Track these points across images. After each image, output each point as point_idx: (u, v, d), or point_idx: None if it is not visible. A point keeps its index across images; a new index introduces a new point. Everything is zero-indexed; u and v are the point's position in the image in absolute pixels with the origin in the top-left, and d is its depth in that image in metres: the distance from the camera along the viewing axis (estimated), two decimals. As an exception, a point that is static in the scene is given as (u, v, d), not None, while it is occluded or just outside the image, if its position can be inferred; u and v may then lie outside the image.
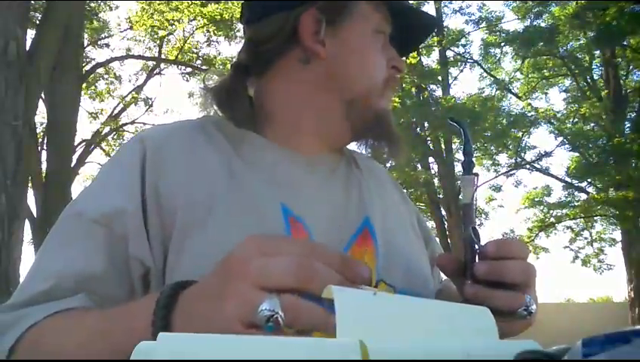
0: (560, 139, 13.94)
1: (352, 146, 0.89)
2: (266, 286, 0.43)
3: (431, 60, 14.87)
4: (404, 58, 0.86)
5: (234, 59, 0.85)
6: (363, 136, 0.82)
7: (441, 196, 14.21)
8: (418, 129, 13.83)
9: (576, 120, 14.49)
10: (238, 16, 0.89)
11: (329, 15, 0.75)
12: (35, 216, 8.26)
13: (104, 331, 0.57)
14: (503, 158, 15.09)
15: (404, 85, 12.72)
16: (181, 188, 0.67)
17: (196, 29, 13.40)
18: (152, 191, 0.67)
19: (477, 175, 0.69)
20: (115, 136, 14.40)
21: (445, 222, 13.89)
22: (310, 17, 0.75)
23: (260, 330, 0.42)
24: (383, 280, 0.72)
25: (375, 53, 0.78)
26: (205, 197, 0.67)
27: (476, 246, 0.64)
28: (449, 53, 15.02)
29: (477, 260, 0.64)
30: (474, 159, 0.71)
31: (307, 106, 0.78)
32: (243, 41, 0.85)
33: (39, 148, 9.68)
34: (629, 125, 12.86)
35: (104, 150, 14.23)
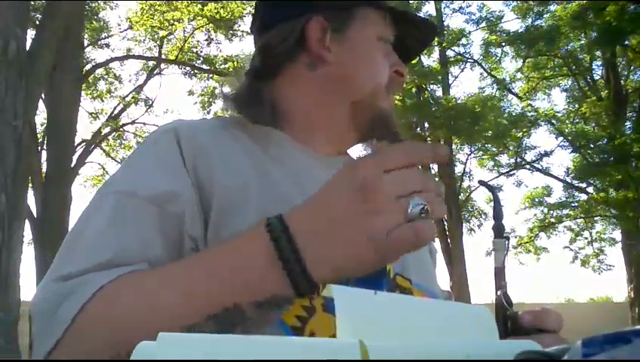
0: (560, 139, 13.95)
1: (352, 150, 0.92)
2: (403, 196, 0.52)
3: (431, 60, 14.88)
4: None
5: (237, 60, 0.87)
6: (368, 137, 0.85)
7: (441, 196, 14.17)
8: (418, 129, 13.83)
9: (576, 120, 14.50)
10: (239, 16, 0.90)
11: (334, 23, 0.79)
12: (35, 216, 8.25)
13: (209, 272, 0.57)
14: (503, 158, 15.11)
15: (404, 85, 12.69)
16: (217, 176, 0.69)
17: (196, 28, 13.40)
18: (192, 176, 0.69)
19: (508, 238, 0.70)
20: (115, 136, 14.40)
21: (445, 223, 13.89)
22: (316, 25, 0.79)
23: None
24: (400, 274, 0.74)
25: (378, 58, 0.82)
26: (240, 187, 0.69)
27: (508, 312, 0.66)
28: (449, 53, 15.02)
29: (508, 325, 0.65)
30: (504, 223, 0.72)
31: (316, 108, 0.81)
32: (251, 45, 0.90)
33: (39, 148, 9.68)
34: (629, 125, 12.87)
35: (104, 150, 14.23)
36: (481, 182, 0.77)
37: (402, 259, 0.75)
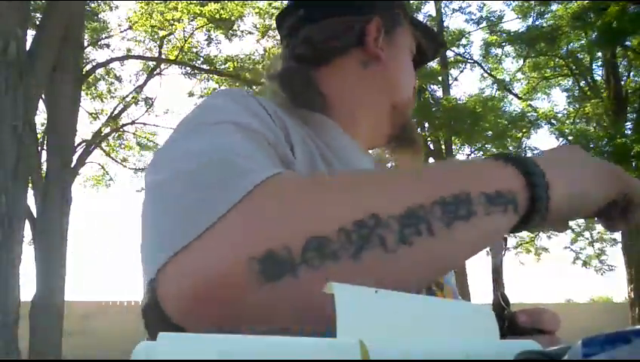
0: (561, 139, 13.94)
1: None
2: None
3: (432, 61, 14.85)
4: None
5: (237, 60, 0.86)
6: (392, 140, 0.88)
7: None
8: (419, 129, 13.82)
9: (577, 120, 14.50)
10: (238, 16, 0.90)
11: (387, 25, 0.84)
12: (35, 216, 8.25)
13: (442, 167, 0.55)
14: (503, 159, 15.08)
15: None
16: (294, 143, 0.65)
17: (196, 28, 13.41)
18: (280, 131, 0.63)
19: (505, 239, 0.70)
20: (115, 137, 14.41)
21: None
22: (375, 24, 0.82)
23: None
24: None
25: (411, 67, 0.89)
26: (310, 161, 0.65)
27: (505, 312, 0.66)
28: (449, 54, 15.01)
29: (505, 325, 0.65)
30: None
31: (362, 104, 0.83)
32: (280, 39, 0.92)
33: (39, 148, 9.69)
34: (629, 126, 12.87)
35: (104, 150, 14.24)
36: None
37: None
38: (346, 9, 0.84)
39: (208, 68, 13.64)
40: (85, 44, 12.08)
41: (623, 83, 13.53)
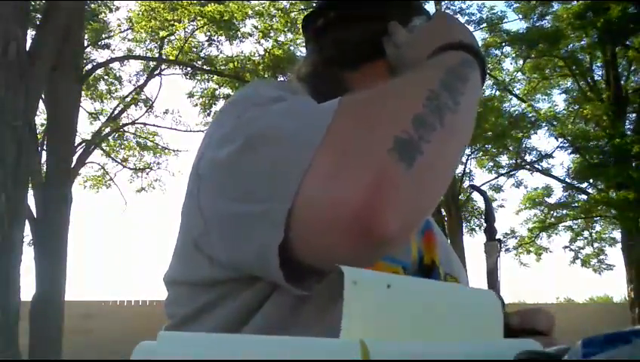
0: (561, 140, 13.95)
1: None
2: None
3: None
4: None
5: (237, 61, 0.86)
6: None
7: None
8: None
9: (577, 121, 14.50)
10: (241, 19, 0.89)
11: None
12: (35, 216, 8.25)
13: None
14: (503, 159, 15.10)
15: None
16: None
17: (196, 29, 13.40)
18: None
19: (500, 241, 0.71)
20: (115, 137, 14.40)
21: (445, 223, 13.89)
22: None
23: None
24: (450, 274, 0.74)
25: None
26: None
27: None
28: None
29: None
30: (496, 225, 0.74)
31: None
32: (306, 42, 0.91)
33: (39, 148, 9.69)
34: (629, 126, 12.87)
35: (104, 150, 14.23)
36: (473, 186, 0.79)
37: (444, 251, 0.76)
38: (377, 14, 0.82)
39: (209, 68, 13.64)
40: (85, 44, 12.07)
41: (622, 83, 13.53)
